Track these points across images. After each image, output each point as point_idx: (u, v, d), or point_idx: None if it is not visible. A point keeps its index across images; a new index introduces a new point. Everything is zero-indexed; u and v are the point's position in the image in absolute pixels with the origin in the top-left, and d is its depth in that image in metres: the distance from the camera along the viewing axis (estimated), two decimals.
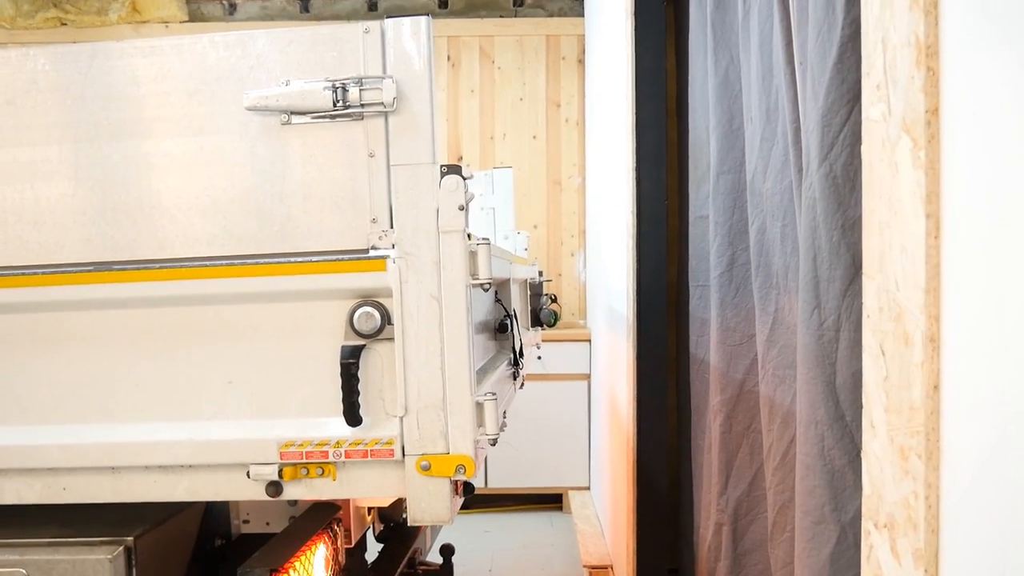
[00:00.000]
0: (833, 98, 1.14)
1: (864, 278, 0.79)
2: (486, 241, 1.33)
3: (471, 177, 1.33)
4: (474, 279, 1.32)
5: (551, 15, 4.63)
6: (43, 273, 1.37)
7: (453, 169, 1.30)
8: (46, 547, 1.37)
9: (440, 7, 4.62)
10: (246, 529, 1.72)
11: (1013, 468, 0.59)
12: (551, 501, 4.32)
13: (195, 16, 4.60)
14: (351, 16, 4.59)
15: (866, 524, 0.79)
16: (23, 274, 1.38)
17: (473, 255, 1.32)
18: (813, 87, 1.23)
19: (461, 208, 1.29)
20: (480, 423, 1.34)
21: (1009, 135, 0.59)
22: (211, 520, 1.63)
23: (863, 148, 0.79)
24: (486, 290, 1.38)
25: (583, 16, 4.59)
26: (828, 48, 1.16)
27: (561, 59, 4.62)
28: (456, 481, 1.33)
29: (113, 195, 1.36)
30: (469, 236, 1.33)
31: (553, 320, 4.12)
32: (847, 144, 1.12)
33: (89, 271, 1.36)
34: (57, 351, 1.40)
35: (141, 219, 1.36)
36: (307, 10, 4.61)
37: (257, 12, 4.61)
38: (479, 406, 1.34)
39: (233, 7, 4.61)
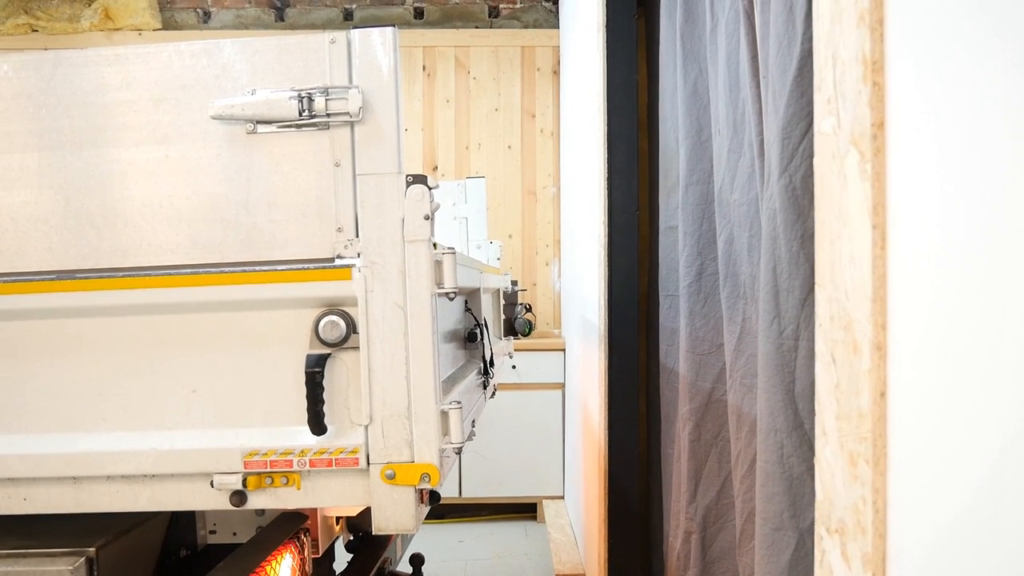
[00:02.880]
0: (793, 111, 1.17)
1: (816, 288, 0.80)
2: (452, 250, 1.34)
3: (436, 187, 1.34)
4: (440, 288, 1.33)
5: (526, 26, 4.66)
6: (4, 281, 1.36)
7: (418, 179, 1.31)
8: (5, 558, 1.35)
9: (416, 17, 4.63)
10: (212, 539, 1.71)
11: (955, 473, 0.61)
12: (525, 511, 4.32)
13: (168, 24, 4.58)
14: (326, 25, 4.59)
15: (819, 529, 0.80)
16: None
17: (439, 264, 1.33)
18: (775, 100, 1.25)
19: (426, 217, 1.30)
20: (445, 432, 1.34)
21: (950, 148, 0.61)
22: (177, 530, 1.62)
23: (815, 160, 0.81)
24: (451, 299, 1.39)
25: (558, 28, 4.63)
26: (788, 62, 1.18)
27: (536, 70, 4.65)
28: (421, 490, 1.33)
29: (76, 203, 1.35)
30: (435, 245, 1.33)
31: (528, 329, 4.14)
32: (806, 156, 1.14)
33: (51, 279, 1.35)
34: (17, 360, 1.39)
35: (104, 227, 1.35)
36: (282, 19, 4.61)
37: (231, 20, 4.60)
38: (444, 415, 1.34)
39: (207, 15, 4.59)
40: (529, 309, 4.50)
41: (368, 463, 1.32)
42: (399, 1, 4.63)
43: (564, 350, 4.22)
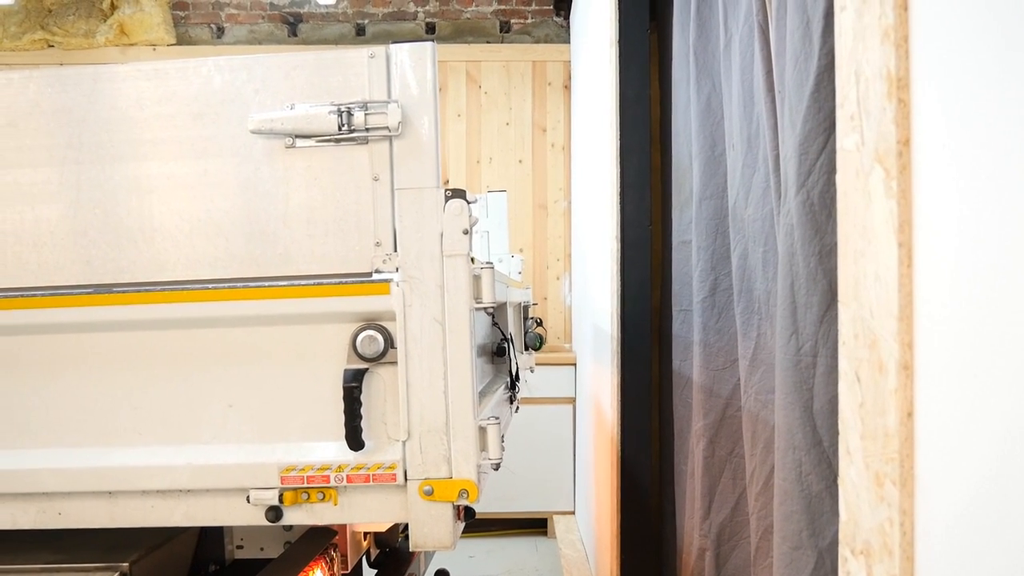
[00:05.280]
0: (810, 127, 1.16)
1: (840, 305, 0.80)
2: (490, 265, 1.34)
3: (475, 201, 1.34)
4: (478, 303, 1.33)
5: (537, 41, 4.68)
6: (42, 295, 1.36)
7: (457, 193, 1.30)
8: (39, 572, 1.35)
9: (428, 32, 4.66)
10: (240, 554, 1.70)
11: (983, 495, 0.60)
12: (536, 526, 4.30)
13: (183, 39, 4.61)
14: (338, 41, 4.62)
15: (843, 551, 0.79)
16: (22, 295, 1.36)
17: (477, 279, 1.32)
18: (791, 115, 1.25)
19: (465, 232, 1.30)
20: (483, 447, 1.34)
21: (977, 165, 0.61)
22: (206, 545, 1.62)
23: (838, 177, 0.80)
24: (490, 313, 1.39)
25: (569, 43, 4.64)
26: (805, 77, 1.18)
27: (547, 84, 4.66)
28: (458, 506, 1.33)
29: (115, 217, 1.36)
30: (473, 260, 1.33)
31: (539, 344, 4.12)
32: (824, 172, 1.13)
33: (89, 293, 1.35)
34: (54, 374, 1.38)
35: (142, 241, 1.35)
36: (295, 34, 4.64)
37: (245, 36, 4.63)
38: (482, 430, 1.33)
39: (221, 31, 4.63)
40: (540, 323, 4.49)
41: (406, 479, 1.31)
42: (411, 16, 4.65)
43: (575, 364, 4.21)
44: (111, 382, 1.38)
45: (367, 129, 1.29)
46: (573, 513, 4.22)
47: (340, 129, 1.29)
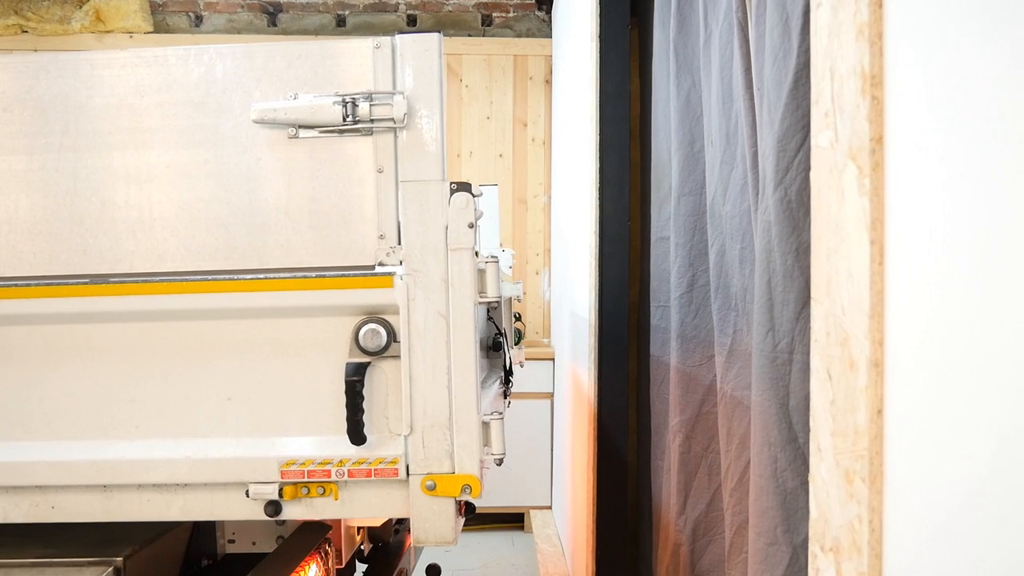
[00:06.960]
0: (788, 124, 1.16)
1: (812, 303, 0.80)
2: (495, 259, 1.33)
3: (480, 195, 1.33)
4: (482, 297, 1.32)
5: (519, 35, 4.67)
6: (37, 285, 1.33)
7: (463, 186, 1.30)
8: (31, 567, 1.33)
9: (409, 24, 4.63)
10: (232, 549, 1.69)
11: (954, 492, 0.60)
12: (513, 520, 4.30)
13: (160, 27, 4.55)
14: (319, 31, 4.58)
15: (813, 547, 0.79)
16: (15, 285, 1.34)
17: (482, 273, 1.31)
18: (770, 113, 1.25)
19: (471, 226, 1.29)
20: (486, 442, 1.33)
21: (951, 163, 0.61)
22: (198, 540, 1.60)
23: (812, 175, 0.80)
24: (494, 308, 1.38)
25: (551, 37, 4.63)
26: (784, 75, 1.18)
27: (529, 79, 4.65)
28: (459, 501, 1.32)
29: (112, 206, 1.33)
30: (477, 254, 1.32)
31: (517, 339, 4.11)
32: (801, 169, 1.14)
33: (85, 283, 1.33)
34: (50, 365, 1.36)
35: (140, 231, 1.33)
36: (274, 24, 4.59)
37: (224, 25, 4.58)
38: (485, 425, 1.33)
39: (199, 19, 4.58)
40: (519, 318, 4.49)
41: (408, 474, 1.30)
42: (392, 8, 4.62)
43: (553, 359, 4.21)
44: (108, 374, 1.35)
45: (372, 120, 1.28)
46: (550, 508, 4.22)
47: (344, 120, 1.28)
